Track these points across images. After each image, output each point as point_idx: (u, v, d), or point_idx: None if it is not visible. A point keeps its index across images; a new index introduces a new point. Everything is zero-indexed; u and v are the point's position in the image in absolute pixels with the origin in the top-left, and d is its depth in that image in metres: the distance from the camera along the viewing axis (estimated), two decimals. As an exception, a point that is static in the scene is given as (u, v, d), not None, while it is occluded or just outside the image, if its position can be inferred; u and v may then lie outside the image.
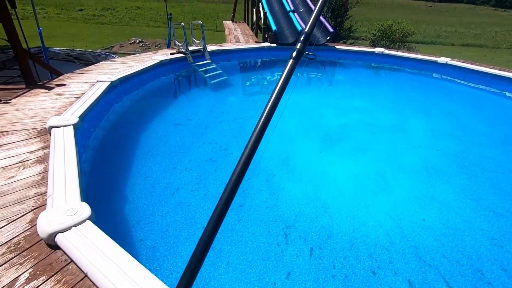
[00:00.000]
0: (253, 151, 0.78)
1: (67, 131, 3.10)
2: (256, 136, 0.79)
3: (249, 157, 0.78)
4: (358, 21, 16.48)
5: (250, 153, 0.78)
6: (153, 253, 2.49)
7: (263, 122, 0.81)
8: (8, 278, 1.59)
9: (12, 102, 3.98)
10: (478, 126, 5.41)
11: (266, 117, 0.82)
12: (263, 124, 0.81)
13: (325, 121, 5.45)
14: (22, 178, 2.43)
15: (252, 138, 0.79)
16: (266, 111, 0.82)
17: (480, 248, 2.71)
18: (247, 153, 0.78)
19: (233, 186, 0.75)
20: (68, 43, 13.32)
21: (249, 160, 0.78)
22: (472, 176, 3.83)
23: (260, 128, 0.81)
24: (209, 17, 26.27)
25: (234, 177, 0.76)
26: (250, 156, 0.78)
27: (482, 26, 29.19)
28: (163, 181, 3.43)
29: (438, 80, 8.13)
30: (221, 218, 0.76)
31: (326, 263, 2.50)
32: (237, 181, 0.76)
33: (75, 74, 5.36)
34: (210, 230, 0.76)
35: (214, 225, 0.76)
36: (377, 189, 3.54)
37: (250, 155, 0.78)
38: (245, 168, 0.77)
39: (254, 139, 0.79)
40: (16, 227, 1.95)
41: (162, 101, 5.94)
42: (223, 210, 0.76)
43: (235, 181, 0.76)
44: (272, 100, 0.83)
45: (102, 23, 21.81)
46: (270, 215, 3.01)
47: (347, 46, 10.15)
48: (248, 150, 0.78)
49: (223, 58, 8.09)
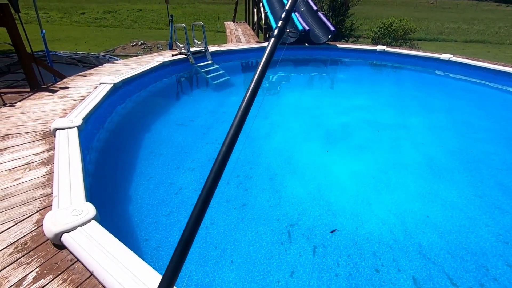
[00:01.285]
0: (235, 135, 0.79)
1: (71, 133, 3.14)
2: (238, 121, 0.80)
3: (232, 141, 0.79)
4: (360, 20, 16.43)
5: (233, 137, 0.79)
6: (157, 252, 2.51)
7: (245, 105, 0.81)
8: (16, 277, 1.62)
9: (17, 105, 4.03)
10: (482, 123, 5.38)
11: (248, 99, 0.82)
12: (245, 107, 0.81)
13: (328, 119, 5.45)
14: (28, 180, 2.47)
15: (234, 123, 0.80)
16: (249, 93, 0.82)
17: (485, 245, 2.69)
18: (230, 138, 0.79)
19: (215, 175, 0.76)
20: (71, 47, 13.45)
21: (232, 144, 0.79)
22: (476, 173, 3.81)
23: (242, 111, 0.81)
24: (210, 18, 26.35)
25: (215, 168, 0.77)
26: (233, 140, 0.79)
27: (485, 22, 28.94)
28: (167, 181, 3.46)
29: (441, 77, 8.09)
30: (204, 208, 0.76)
31: (330, 262, 2.50)
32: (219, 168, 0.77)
33: (78, 77, 5.41)
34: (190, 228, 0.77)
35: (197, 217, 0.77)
36: (380, 186, 3.53)
37: (233, 140, 0.79)
38: (229, 152, 0.78)
39: (236, 124, 0.80)
40: (23, 227, 1.98)
41: (165, 102, 5.98)
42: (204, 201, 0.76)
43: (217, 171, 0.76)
44: (255, 80, 0.83)
45: (104, 26, 21.98)
46: (273, 213, 3.02)
47: (349, 45, 10.13)
48: (230, 135, 0.79)
49: (225, 59, 8.11)
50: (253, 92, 0.81)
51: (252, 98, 0.82)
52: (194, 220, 0.75)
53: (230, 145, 0.77)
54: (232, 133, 0.78)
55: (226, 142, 0.77)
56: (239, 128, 0.78)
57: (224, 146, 0.77)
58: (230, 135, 0.78)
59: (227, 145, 0.77)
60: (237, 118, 0.80)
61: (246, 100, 0.81)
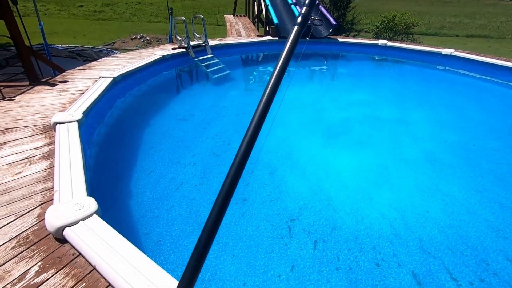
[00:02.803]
0: (259, 125, 0.74)
1: (71, 127, 3.12)
2: (261, 112, 0.75)
3: (254, 134, 0.74)
4: (361, 13, 16.27)
5: (255, 129, 0.74)
6: (158, 247, 2.52)
7: (269, 94, 0.75)
8: (18, 271, 1.62)
9: (16, 99, 4.00)
10: (483, 118, 5.37)
11: (272, 88, 0.75)
12: (269, 97, 0.75)
13: (328, 114, 5.43)
14: (29, 174, 2.46)
15: (257, 114, 0.75)
16: (272, 82, 0.76)
17: (485, 240, 2.71)
18: (252, 130, 0.74)
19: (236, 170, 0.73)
20: (70, 40, 13.32)
21: (254, 138, 0.75)
22: (476, 168, 3.81)
23: (266, 100, 0.75)
24: (210, 12, 26.08)
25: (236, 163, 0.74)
26: (256, 133, 0.75)
27: (487, 16, 28.69)
28: (167, 175, 3.46)
29: (442, 72, 8.05)
30: (225, 206, 0.74)
31: (330, 256, 2.51)
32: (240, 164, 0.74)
33: (77, 71, 5.37)
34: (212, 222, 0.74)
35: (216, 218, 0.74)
36: (380, 181, 3.54)
37: (255, 132, 0.74)
38: (251, 146, 0.74)
39: (260, 114, 0.75)
40: (25, 221, 1.98)
41: (165, 96, 5.95)
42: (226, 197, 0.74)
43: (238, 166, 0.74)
44: (278, 70, 0.76)
45: (103, 19, 21.75)
46: (274, 208, 3.03)
47: (350, 39, 10.05)
48: (253, 126, 0.74)
49: (225, 53, 8.05)
50: (275, 83, 0.76)
51: (275, 88, 0.76)
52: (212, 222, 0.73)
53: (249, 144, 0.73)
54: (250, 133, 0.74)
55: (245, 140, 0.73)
56: (259, 125, 0.74)
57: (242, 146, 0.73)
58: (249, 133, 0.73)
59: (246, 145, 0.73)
60: (257, 114, 0.75)
61: (268, 91, 0.75)
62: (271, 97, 0.76)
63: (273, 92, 0.76)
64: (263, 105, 0.76)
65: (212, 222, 0.73)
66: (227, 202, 0.73)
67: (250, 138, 0.74)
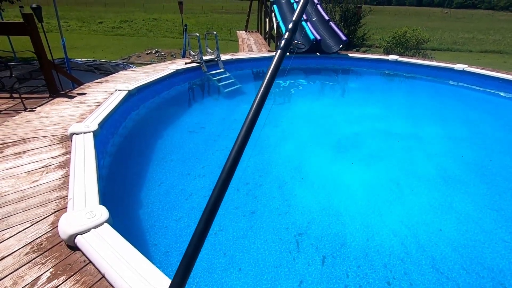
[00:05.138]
0: (242, 146, 0.79)
1: (87, 138, 3.24)
2: (244, 132, 0.81)
3: (239, 152, 0.79)
4: (372, 29, 16.40)
5: (239, 149, 0.79)
6: (166, 257, 2.53)
7: (251, 117, 0.82)
8: (31, 277, 1.67)
9: (37, 110, 4.19)
10: (498, 134, 5.24)
11: (254, 112, 0.82)
12: (252, 119, 0.82)
13: (339, 128, 5.42)
14: (45, 182, 2.55)
15: (241, 135, 0.81)
16: (254, 106, 0.82)
17: (502, 261, 2.60)
18: (236, 148, 0.79)
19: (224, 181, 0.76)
20: (89, 54, 13.93)
21: (239, 154, 0.79)
22: (492, 186, 3.70)
23: (249, 123, 0.81)
24: (223, 28, 26.87)
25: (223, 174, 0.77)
26: (240, 151, 0.79)
27: (502, 31, 28.40)
28: (177, 187, 3.50)
29: (455, 87, 7.95)
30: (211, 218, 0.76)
31: (339, 272, 2.46)
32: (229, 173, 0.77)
33: (95, 84, 5.60)
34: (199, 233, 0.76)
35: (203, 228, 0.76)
36: (391, 197, 3.47)
37: (239, 151, 0.79)
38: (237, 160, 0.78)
39: (243, 135, 0.80)
40: (39, 228, 2.04)
41: (177, 109, 6.09)
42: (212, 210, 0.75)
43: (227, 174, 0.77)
44: (260, 93, 0.84)
45: (120, 35, 22.71)
46: (282, 222, 3.01)
47: (360, 54, 10.11)
48: (237, 146, 0.79)
49: (236, 67, 8.23)
50: (260, 103, 0.82)
51: (259, 109, 0.82)
52: (203, 226, 0.76)
53: (236, 157, 0.78)
54: (237, 146, 0.78)
55: (232, 154, 0.78)
56: (245, 140, 0.79)
57: (229, 158, 0.78)
58: (235, 148, 0.78)
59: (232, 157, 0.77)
60: (243, 130, 0.80)
61: (252, 111, 0.82)
62: (255, 118, 0.82)
63: (257, 112, 0.82)
64: (246, 127, 0.81)
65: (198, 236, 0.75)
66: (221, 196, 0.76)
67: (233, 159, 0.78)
